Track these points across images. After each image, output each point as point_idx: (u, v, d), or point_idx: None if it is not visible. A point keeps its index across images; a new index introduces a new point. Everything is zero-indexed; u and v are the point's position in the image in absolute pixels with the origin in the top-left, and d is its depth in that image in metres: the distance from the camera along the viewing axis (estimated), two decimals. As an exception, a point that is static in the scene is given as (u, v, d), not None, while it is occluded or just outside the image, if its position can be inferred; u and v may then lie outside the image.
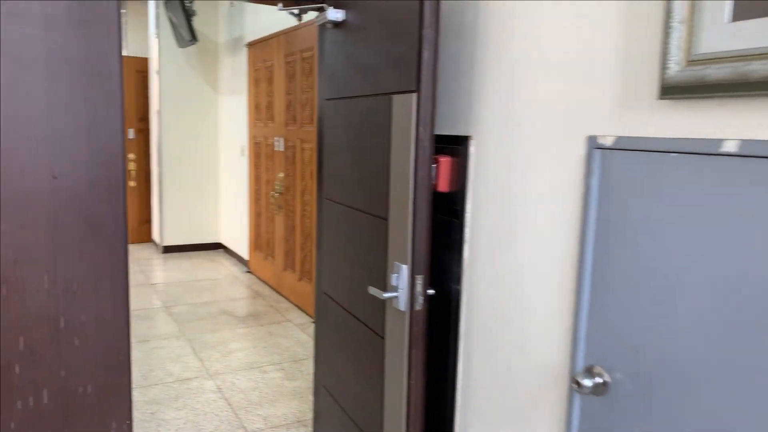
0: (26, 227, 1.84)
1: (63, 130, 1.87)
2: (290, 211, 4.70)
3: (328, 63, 2.26)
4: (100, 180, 1.94)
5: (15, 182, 1.81)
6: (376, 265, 1.86)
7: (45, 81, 1.83)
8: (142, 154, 6.78)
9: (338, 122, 2.17)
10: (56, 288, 1.91)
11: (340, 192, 2.15)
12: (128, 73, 6.66)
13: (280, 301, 4.76)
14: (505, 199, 1.61)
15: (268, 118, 5.09)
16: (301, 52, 4.41)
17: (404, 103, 1.71)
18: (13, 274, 1.84)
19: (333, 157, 2.22)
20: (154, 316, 4.27)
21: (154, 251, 6.46)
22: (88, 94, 1.91)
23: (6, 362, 1.86)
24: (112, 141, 1.96)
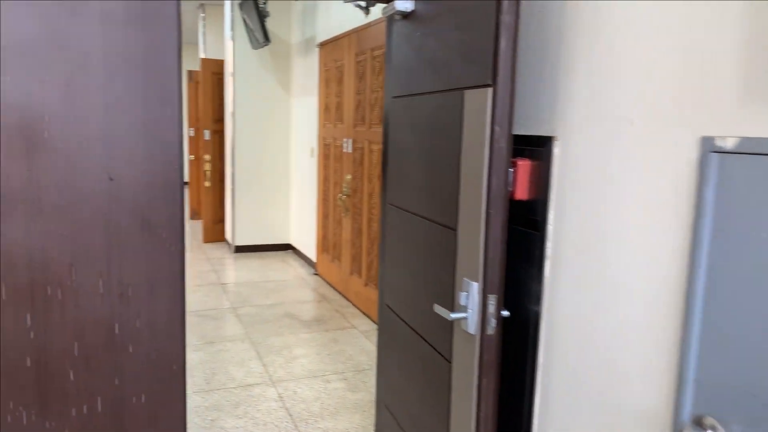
0: (82, 230, 1.79)
1: (119, 129, 1.81)
2: (357, 214, 4.58)
3: (395, 58, 2.10)
4: (156, 181, 1.87)
5: (71, 184, 1.76)
6: (442, 280, 1.68)
7: (102, 79, 1.78)
8: (217, 155, 6.90)
9: (405, 122, 2.00)
10: (111, 293, 1.85)
11: (405, 197, 1.98)
12: (205, 75, 6.79)
13: (345, 306, 4.65)
14: (595, 210, 1.38)
15: (337, 119, 5.00)
16: (372, 51, 4.28)
17: (478, 99, 1.51)
18: (68, 278, 1.80)
19: (398, 160, 2.05)
20: (222, 317, 4.27)
21: (226, 251, 6.54)
22: (146, 93, 1.84)
23: (61, 368, 1.82)
24: (169, 141, 1.88)
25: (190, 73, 8.28)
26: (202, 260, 6.06)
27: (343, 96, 4.85)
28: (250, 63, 6.25)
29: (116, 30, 1.77)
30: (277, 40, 6.29)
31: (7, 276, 1.73)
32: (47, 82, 1.70)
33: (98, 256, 1.82)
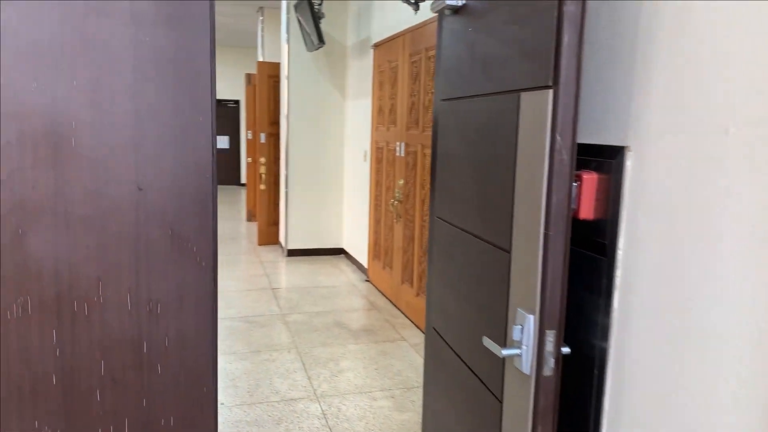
0: (110, 242, 1.70)
1: (149, 137, 1.71)
2: (409, 220, 4.41)
3: (445, 57, 1.91)
4: (188, 192, 1.76)
5: (99, 194, 1.67)
6: (493, 308, 1.48)
7: (131, 84, 1.68)
8: (273, 158, 6.89)
9: (453, 127, 1.81)
10: (139, 309, 1.76)
11: (453, 211, 1.79)
12: (261, 78, 6.80)
13: (396, 316, 4.48)
14: (679, 235, 1.16)
15: (391, 121, 4.84)
16: (426, 51, 4.10)
17: (536, 102, 1.31)
18: (96, 292, 1.71)
19: (446, 169, 1.86)
20: (270, 324, 4.19)
21: (279, 254, 6.51)
22: (177, 98, 1.74)
23: (87, 387, 1.73)
24: (201, 149, 1.77)
25: (248, 76, 8.34)
26: (255, 263, 6.04)
27: (397, 98, 4.69)
28: (305, 65, 6.19)
29: (146, 31, 1.67)
30: (332, 42, 6.20)
31: (32, 289, 1.66)
32: (74, 87, 1.62)
33: (126, 270, 1.73)
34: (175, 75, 1.72)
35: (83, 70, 1.62)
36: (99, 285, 1.70)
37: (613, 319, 1.34)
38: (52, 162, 1.63)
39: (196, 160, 1.76)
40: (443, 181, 1.89)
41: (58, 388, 1.71)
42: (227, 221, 8.66)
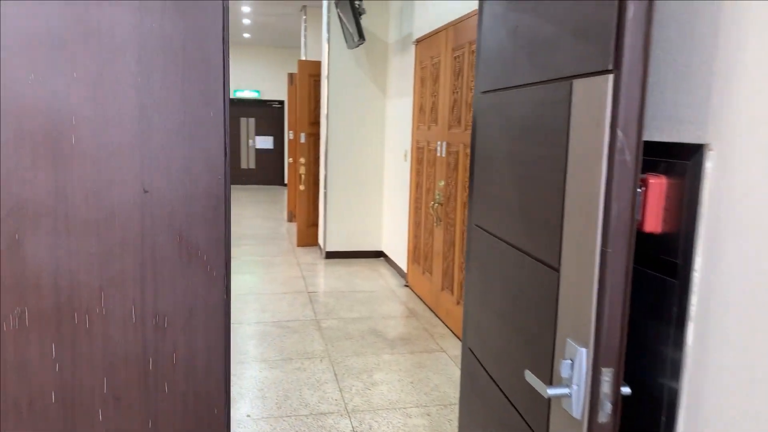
0: (113, 249, 1.56)
1: (156, 134, 1.56)
2: (450, 224, 4.18)
3: (486, 44, 1.70)
4: (198, 195, 1.60)
5: (102, 196, 1.53)
6: (538, 336, 1.26)
7: (136, 75, 1.53)
8: (312, 159, 6.78)
9: (494, 122, 1.59)
10: (145, 322, 1.61)
11: (493, 219, 1.57)
12: (301, 77, 6.69)
13: (435, 325, 4.26)
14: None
15: (432, 120, 4.63)
16: (470, 44, 3.86)
17: (592, 90, 1.08)
18: (98, 303, 1.57)
19: (486, 170, 1.65)
20: (304, 330, 4.04)
21: (317, 256, 6.39)
22: (186, 91, 1.58)
23: (88, 406, 1.60)
24: (212, 148, 1.61)
25: (290, 75, 8.27)
26: (292, 265, 5.93)
27: (439, 95, 4.47)
28: (346, 63, 6.04)
29: (152, 18, 1.52)
30: (374, 39, 6.03)
31: (30, 299, 1.53)
32: (75, 80, 1.48)
33: (131, 280, 1.58)
34: (184, 66, 1.56)
35: (84, 61, 1.48)
36: (101, 295, 1.56)
37: (687, 354, 1.10)
38: (52, 161, 1.50)
39: (207, 160, 1.61)
40: (482, 185, 1.68)
41: (57, 405, 1.58)
42: (268, 221, 8.62)
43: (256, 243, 6.97)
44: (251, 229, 7.94)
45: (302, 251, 6.62)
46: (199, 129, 1.58)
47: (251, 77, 13.30)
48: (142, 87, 1.52)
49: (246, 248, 6.66)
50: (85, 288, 1.55)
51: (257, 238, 7.29)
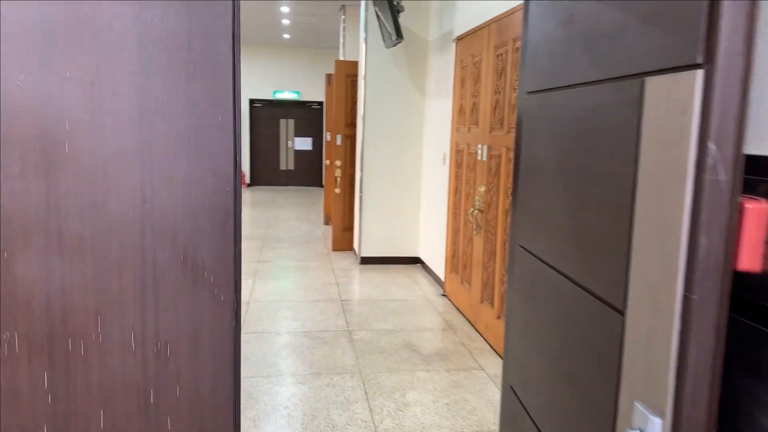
0: (110, 269, 1.40)
1: (157, 139, 1.39)
2: (491, 233, 3.94)
3: (533, 38, 1.47)
4: (204, 208, 1.43)
5: (98, 210, 1.37)
6: (595, 391, 1.03)
7: (136, 75, 1.37)
8: (348, 161, 6.62)
9: (542, 127, 1.36)
10: (146, 350, 1.45)
11: (540, 241, 1.35)
12: (338, 77, 6.54)
13: (473, 339, 4.02)
14: None
15: (472, 122, 4.39)
16: (514, 41, 3.61)
17: (673, 90, 0.85)
18: (94, 329, 1.42)
19: (532, 182, 1.42)
20: (335, 342, 3.87)
21: (352, 261, 6.22)
22: (191, 93, 1.41)
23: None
24: (220, 155, 1.44)
25: (328, 76, 8.14)
26: (326, 271, 5.77)
27: (480, 96, 4.23)
28: (383, 63, 5.85)
29: (154, 11, 1.35)
30: (412, 38, 5.82)
31: (20, 324, 1.38)
32: (68, 80, 1.33)
33: (130, 303, 1.42)
34: (189, 64, 1.39)
35: (78, 60, 1.33)
36: (98, 320, 1.40)
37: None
38: (43, 171, 1.35)
39: (214, 169, 1.43)
40: (528, 199, 1.45)
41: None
42: (304, 223, 8.51)
43: (291, 246, 6.85)
44: (287, 231, 7.84)
45: (337, 256, 6.47)
46: (205, 135, 1.41)
47: (291, 78, 13.28)
48: (143, 88, 1.36)
49: (280, 251, 6.55)
50: (80, 311, 1.39)
51: (292, 241, 7.18)
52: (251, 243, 7.00)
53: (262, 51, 13.06)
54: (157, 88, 1.36)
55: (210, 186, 1.42)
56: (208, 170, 1.42)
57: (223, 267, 1.46)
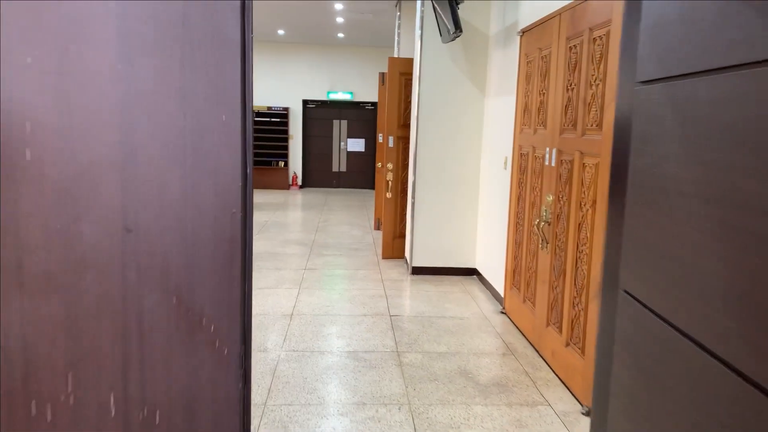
0: (85, 313, 1.08)
1: (142, 146, 1.06)
2: (560, 248, 3.48)
3: (653, 10, 1.05)
4: (203, 236, 1.09)
5: (68, 236, 1.05)
6: None
7: (116, 62, 1.04)
8: (400, 164, 6.25)
9: (670, 131, 0.95)
10: (129, 418, 1.12)
11: (666, 294, 0.93)
12: (391, 75, 6.19)
13: (537, 367, 3.58)
14: None
15: (539, 122, 3.94)
16: (591, 31, 3.15)
17: None
18: (64, 389, 1.10)
19: (652, 209, 1.00)
20: (382, 365, 3.51)
21: (403, 271, 5.85)
22: (187, 85, 1.07)
23: None
24: (224, 167, 1.09)
25: (381, 75, 7.81)
26: (375, 281, 5.43)
27: (548, 93, 3.77)
28: (440, 60, 5.45)
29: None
30: (472, 32, 5.40)
31: (-29, 382, 1.09)
32: (29, 69, 1.02)
33: (109, 357, 1.10)
34: (185, 45, 1.06)
35: (42, 43, 1.02)
36: (68, 378, 1.09)
37: None
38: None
39: (217, 185, 1.09)
40: (644, 230, 1.04)
41: None
42: (354, 228, 8.21)
43: (339, 254, 6.55)
44: (335, 237, 7.56)
45: (387, 264, 6.12)
46: (205, 140, 1.07)
47: (344, 79, 13.05)
48: (125, 78, 1.03)
49: (328, 259, 6.26)
50: (47, 367, 1.08)
51: (341, 248, 6.88)
52: (299, 249, 6.74)
53: (316, 50, 12.88)
54: (143, 77, 1.03)
55: (211, 208, 1.08)
56: (209, 187, 1.08)
57: (227, 313, 1.12)
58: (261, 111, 12.81)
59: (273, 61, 12.84)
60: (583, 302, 3.15)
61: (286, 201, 11.02)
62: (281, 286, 5.14)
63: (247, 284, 1.14)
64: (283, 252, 6.53)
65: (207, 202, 1.07)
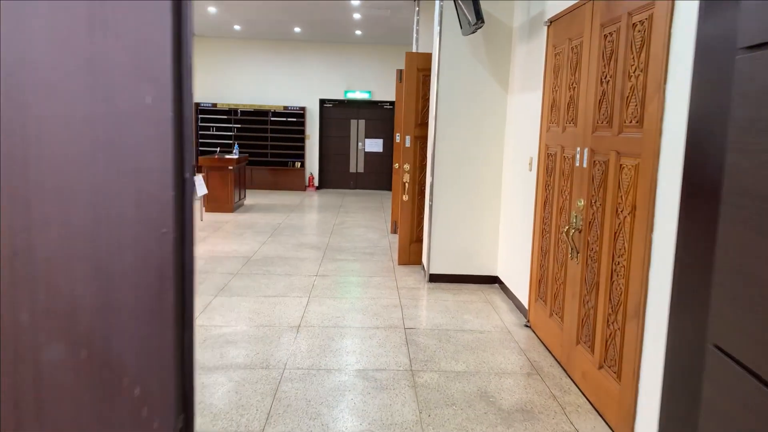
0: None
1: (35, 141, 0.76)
2: (592, 259, 3.13)
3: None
4: (121, 266, 0.78)
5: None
6: None
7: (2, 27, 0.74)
8: (418, 165, 5.93)
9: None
10: None
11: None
12: (409, 71, 5.86)
13: (566, 390, 3.23)
14: None
15: (568, 119, 3.59)
16: (630, 15, 2.80)
17: None
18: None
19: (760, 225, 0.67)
20: (394, 386, 3.19)
21: (420, 278, 5.53)
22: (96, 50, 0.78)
23: None
24: (152, 167, 0.79)
25: (398, 72, 7.50)
26: (390, 289, 5.11)
27: (579, 87, 3.42)
28: (459, 54, 5.12)
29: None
30: (494, 24, 5.06)
31: None
32: None
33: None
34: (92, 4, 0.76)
35: None
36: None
37: None
38: None
39: (138, 195, 0.77)
40: (746, 261, 0.71)
41: None
42: (370, 231, 7.91)
43: (354, 258, 6.25)
44: (350, 240, 7.26)
45: (403, 271, 5.80)
46: (123, 130, 0.76)
47: (362, 77, 12.76)
48: (8, 43, 0.73)
49: (341, 264, 5.96)
50: None
51: (355, 252, 6.58)
52: (312, 253, 6.46)
53: (333, 49, 12.62)
54: (33, 40, 0.73)
55: (132, 226, 0.78)
56: (129, 197, 0.77)
57: (157, 371, 0.81)
58: (277, 111, 12.59)
59: (289, 59, 12.61)
60: (619, 321, 2.79)
61: (301, 203, 10.76)
62: (290, 294, 4.86)
63: (187, 330, 0.83)
64: (295, 256, 6.25)
65: (127, 218, 0.76)
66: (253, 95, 12.68)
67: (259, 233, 7.52)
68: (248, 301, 4.63)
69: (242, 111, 12.58)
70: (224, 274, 5.45)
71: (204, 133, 12.67)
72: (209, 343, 3.72)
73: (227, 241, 6.98)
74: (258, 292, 4.90)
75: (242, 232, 7.54)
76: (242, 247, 6.66)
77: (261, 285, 5.11)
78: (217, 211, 9.16)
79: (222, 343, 3.73)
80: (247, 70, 12.63)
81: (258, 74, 12.65)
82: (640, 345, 2.56)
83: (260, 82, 12.65)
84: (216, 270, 5.58)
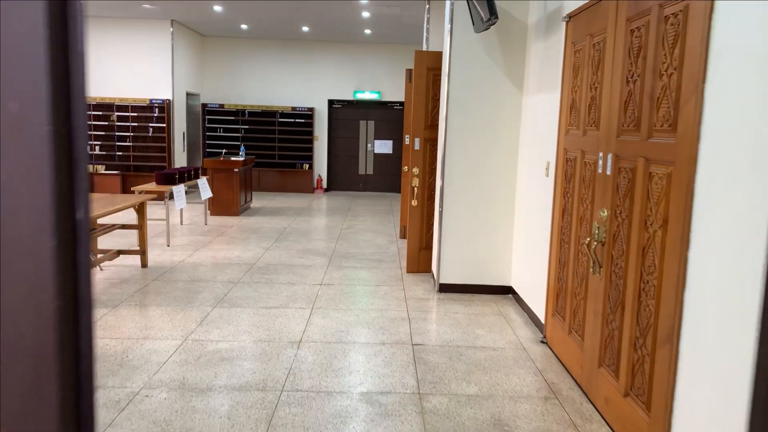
0: None
1: None
2: (617, 275, 2.86)
3: None
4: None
5: None
6: None
7: None
8: (428, 168, 5.67)
9: None
10: None
11: None
12: (418, 71, 5.61)
13: (587, 417, 2.96)
14: None
15: (590, 122, 3.32)
16: (661, 7, 2.53)
17: None
18: None
19: None
20: (399, 412, 2.94)
21: (429, 288, 5.27)
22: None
23: None
24: (16, 210, 0.54)
25: (408, 72, 7.24)
26: (398, 300, 4.86)
27: (602, 87, 3.15)
28: (471, 52, 4.86)
29: None
30: (508, 21, 4.79)
31: None
32: None
33: None
34: None
35: None
36: None
37: None
38: None
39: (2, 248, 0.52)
40: None
41: None
42: (379, 236, 7.66)
43: (360, 266, 6.00)
44: (358, 246, 7.02)
45: (412, 279, 5.54)
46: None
47: (372, 77, 12.52)
48: None
49: (348, 272, 5.72)
50: None
51: (362, 259, 6.33)
52: (317, 259, 6.22)
53: (342, 48, 12.39)
54: None
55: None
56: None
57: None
58: (285, 111, 12.38)
59: (297, 59, 12.39)
60: (648, 346, 2.52)
61: (309, 205, 10.53)
62: (292, 305, 4.62)
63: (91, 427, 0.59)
64: (300, 263, 6.01)
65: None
66: (260, 96, 12.48)
67: (264, 238, 7.30)
68: (248, 313, 4.40)
69: (250, 112, 12.38)
70: (225, 282, 5.23)
71: (211, 134, 12.49)
72: (203, 361, 3.49)
73: (230, 246, 6.76)
74: (259, 302, 4.67)
75: (247, 237, 7.32)
76: (246, 253, 6.43)
77: (262, 295, 4.88)
78: (222, 214, 8.95)
79: (217, 361, 3.49)
80: (255, 71, 12.44)
81: (265, 74, 12.44)
82: (674, 375, 2.29)
83: (268, 82, 12.44)
84: (216, 278, 5.35)
